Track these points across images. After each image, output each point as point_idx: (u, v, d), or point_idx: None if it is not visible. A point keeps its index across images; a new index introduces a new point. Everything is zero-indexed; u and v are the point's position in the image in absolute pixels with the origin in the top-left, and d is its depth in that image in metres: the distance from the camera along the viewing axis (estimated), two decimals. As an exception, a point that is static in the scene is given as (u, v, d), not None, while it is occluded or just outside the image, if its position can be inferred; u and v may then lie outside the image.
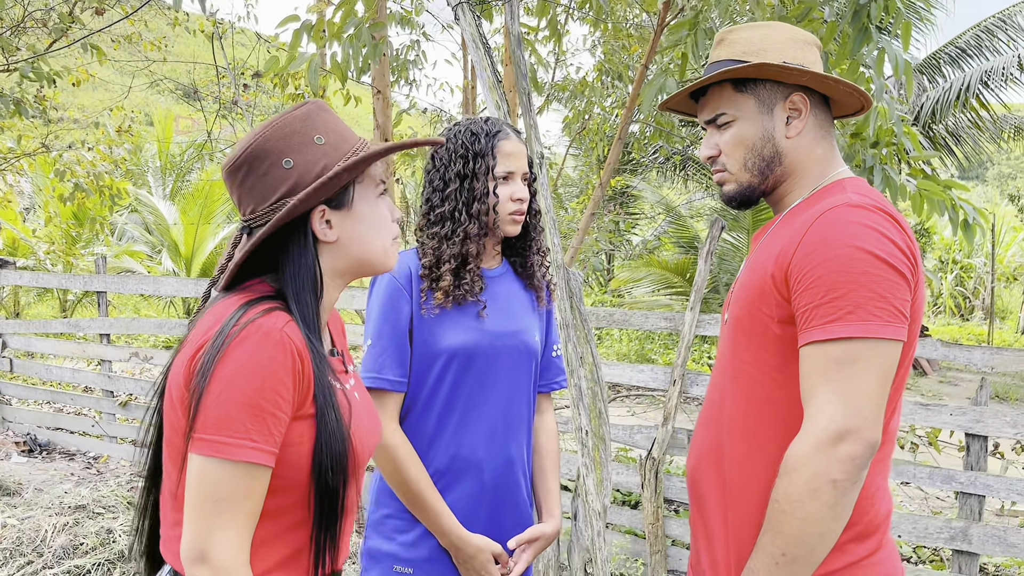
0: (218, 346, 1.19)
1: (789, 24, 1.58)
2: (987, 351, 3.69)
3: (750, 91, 1.55)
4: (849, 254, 1.34)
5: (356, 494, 1.38)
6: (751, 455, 1.50)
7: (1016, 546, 3.56)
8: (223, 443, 1.17)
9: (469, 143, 1.90)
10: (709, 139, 1.62)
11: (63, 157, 7.70)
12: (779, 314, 1.44)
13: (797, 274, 1.39)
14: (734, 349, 1.56)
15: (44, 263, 12.05)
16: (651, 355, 12.63)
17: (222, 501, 1.17)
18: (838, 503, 1.30)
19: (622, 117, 6.08)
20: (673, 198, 17.63)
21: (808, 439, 1.32)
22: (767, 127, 1.55)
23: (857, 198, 1.42)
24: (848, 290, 1.33)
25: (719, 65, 1.58)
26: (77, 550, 3.96)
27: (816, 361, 1.35)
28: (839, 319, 1.33)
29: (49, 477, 5.68)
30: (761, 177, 1.58)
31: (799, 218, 1.48)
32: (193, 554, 1.17)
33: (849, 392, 1.31)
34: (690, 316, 4.09)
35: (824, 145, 1.57)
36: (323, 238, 1.33)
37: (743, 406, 1.52)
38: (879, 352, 1.32)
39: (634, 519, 4.36)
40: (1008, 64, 12.22)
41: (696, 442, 1.68)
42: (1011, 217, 24.38)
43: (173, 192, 18.21)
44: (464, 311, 1.89)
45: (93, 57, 6.53)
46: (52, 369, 6.81)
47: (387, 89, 6.29)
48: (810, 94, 1.55)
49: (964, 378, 12.76)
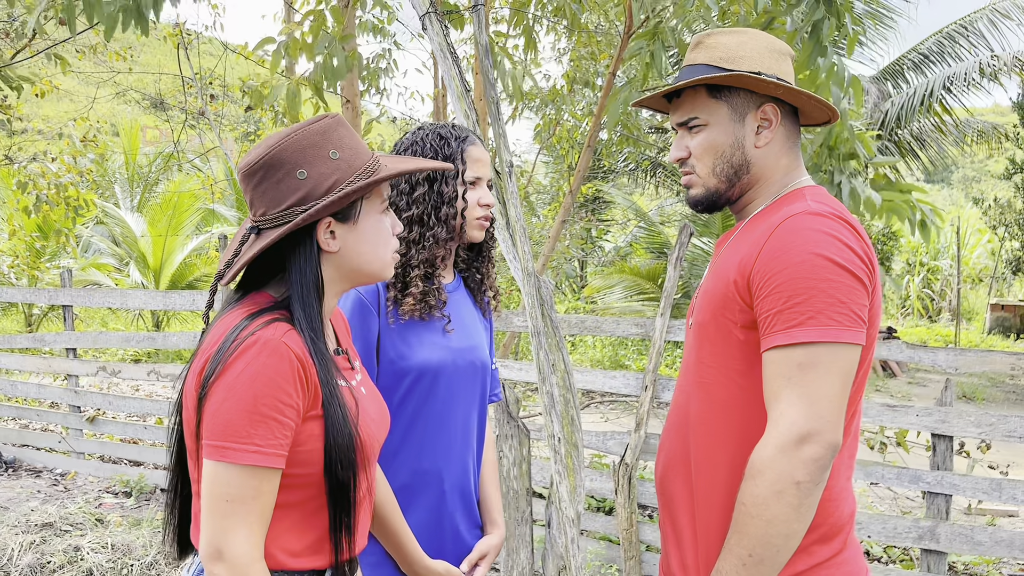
0: (220, 358, 1.29)
1: (766, 32, 1.62)
2: (952, 352, 3.75)
3: (724, 98, 1.57)
4: (809, 261, 1.37)
5: (369, 484, 1.48)
6: (716, 459, 1.52)
7: (983, 544, 3.62)
8: (227, 448, 1.26)
9: (438, 146, 1.88)
10: (680, 141, 1.63)
11: (27, 169, 7.59)
12: (742, 320, 1.47)
13: (759, 280, 1.42)
14: (699, 354, 1.58)
15: (8, 277, 11.85)
16: (624, 360, 12.68)
17: (233, 502, 1.27)
18: (802, 504, 1.33)
19: (591, 124, 6.12)
20: (644, 204, 17.74)
21: (771, 442, 1.34)
22: (738, 135, 1.57)
23: (816, 206, 1.45)
24: (808, 296, 1.36)
25: (696, 69, 1.59)
26: (44, 569, 3.89)
27: (778, 365, 1.37)
28: (800, 324, 1.35)
29: (15, 495, 5.58)
30: (728, 184, 1.60)
31: (760, 225, 1.50)
32: (210, 551, 1.27)
33: (811, 395, 1.34)
34: (661, 322, 4.12)
35: (790, 155, 1.60)
36: (326, 248, 1.41)
37: (708, 410, 1.54)
38: (839, 356, 1.35)
39: (608, 525, 4.37)
40: (970, 69, 12.46)
41: (664, 446, 1.69)
42: (976, 220, 24.82)
43: (140, 204, 17.99)
44: (429, 326, 1.89)
45: (57, 67, 6.44)
46: (17, 385, 6.70)
47: (356, 98, 6.27)
48: (781, 105, 1.57)
49: (932, 379, 12.95)
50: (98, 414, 6.30)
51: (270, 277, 1.45)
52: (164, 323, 14.54)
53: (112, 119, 23.27)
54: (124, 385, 9.87)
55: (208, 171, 15.92)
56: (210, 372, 1.29)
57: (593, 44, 7.12)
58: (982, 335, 19.37)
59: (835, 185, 3.16)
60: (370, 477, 1.48)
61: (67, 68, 6.31)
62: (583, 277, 18.42)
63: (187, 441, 1.38)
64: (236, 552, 1.26)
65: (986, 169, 46.24)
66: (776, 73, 1.56)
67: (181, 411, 1.41)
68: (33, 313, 13.44)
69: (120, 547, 4.10)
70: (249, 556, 1.27)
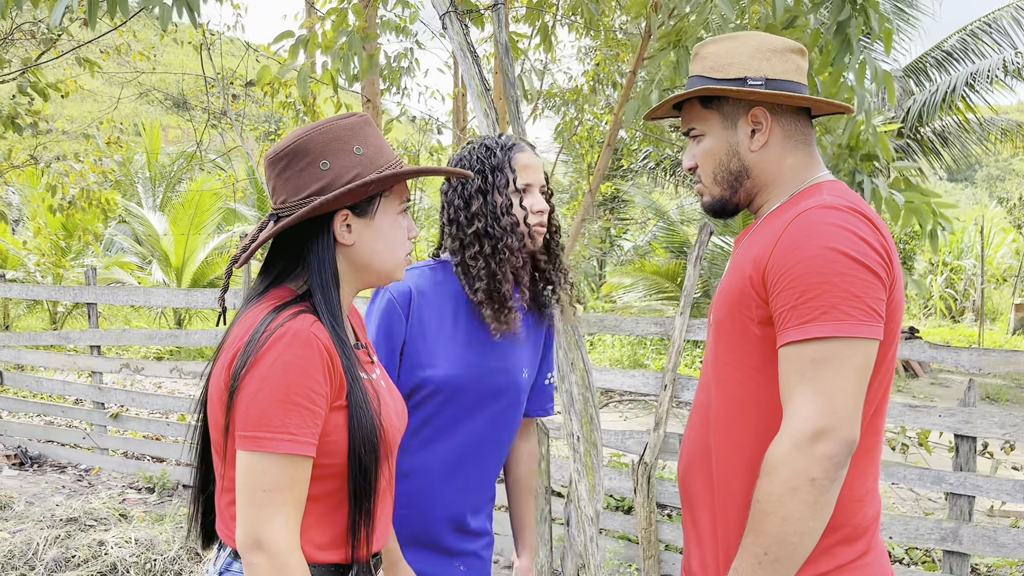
0: (251, 350, 1.32)
1: (765, 33, 1.61)
2: (975, 353, 3.72)
3: (715, 107, 1.59)
4: (823, 255, 1.36)
5: (390, 475, 1.50)
6: (735, 456, 1.52)
7: (1006, 546, 3.58)
8: (263, 438, 1.29)
9: (485, 158, 1.88)
10: (689, 150, 1.67)
11: (51, 168, 7.68)
12: (758, 316, 1.46)
13: (773, 276, 1.41)
14: (717, 352, 1.58)
15: (34, 275, 12.01)
16: (643, 360, 12.65)
17: (270, 491, 1.29)
18: (817, 501, 1.32)
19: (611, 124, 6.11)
20: (664, 203, 17.69)
21: (786, 438, 1.34)
22: (731, 142, 1.59)
23: (831, 199, 1.44)
24: (822, 291, 1.35)
25: (692, 81, 1.63)
26: (69, 563, 3.95)
27: (793, 361, 1.37)
28: (814, 319, 1.35)
29: (40, 490, 5.66)
30: (731, 190, 1.61)
31: (776, 221, 1.50)
32: (248, 542, 1.29)
33: (825, 391, 1.33)
34: (680, 321, 4.11)
35: (797, 153, 1.59)
36: (341, 240, 1.45)
37: (727, 408, 1.54)
38: (855, 351, 1.34)
39: (627, 524, 4.36)
40: (994, 67, 12.32)
41: (686, 445, 1.69)
42: (1000, 219, 24.55)
43: (163, 203, 18.15)
44: (456, 339, 1.87)
45: (83, 69, 6.52)
46: (43, 381, 6.78)
47: (377, 98, 6.30)
48: (775, 106, 1.57)
49: (955, 380, 12.82)
50: (121, 411, 6.38)
51: (289, 272, 1.47)
52: (186, 321, 14.67)
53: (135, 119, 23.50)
54: (147, 382, 9.98)
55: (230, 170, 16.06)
56: (241, 365, 1.32)
57: (614, 44, 7.10)
58: (1006, 335, 19.14)
59: (856, 184, 3.14)
60: (391, 469, 1.49)
61: (94, 70, 6.38)
62: (601, 276, 18.40)
63: (213, 436, 1.41)
64: (274, 541, 1.28)
65: (1011, 167, 45.68)
66: (767, 73, 1.56)
67: (206, 407, 1.44)
68: (58, 311, 13.61)
69: (143, 542, 4.15)
70: (288, 544, 1.29)
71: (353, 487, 1.39)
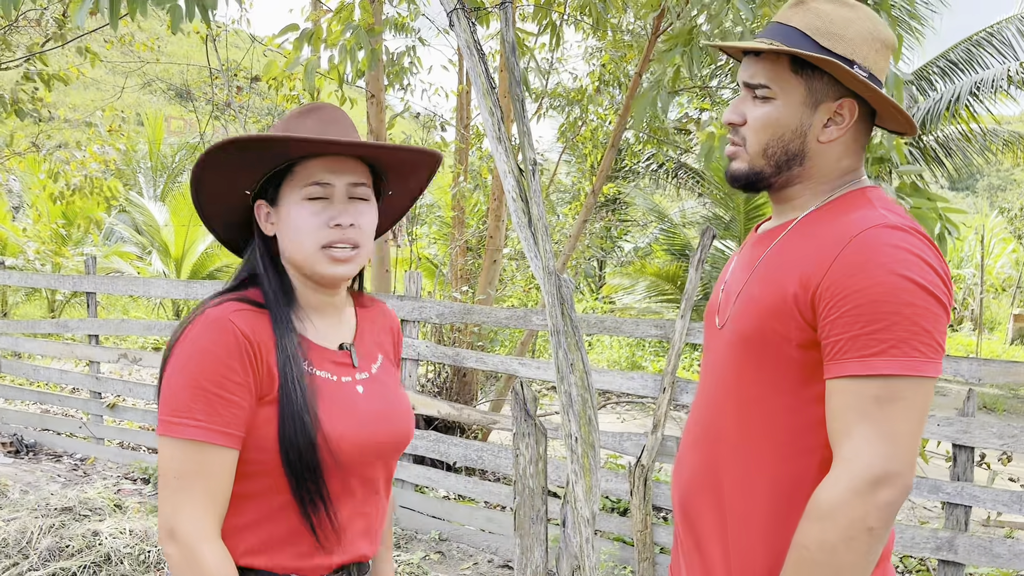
0: (173, 337, 1.33)
1: (875, 14, 1.41)
2: (974, 362, 3.71)
3: (805, 76, 1.38)
4: (892, 282, 1.23)
5: (355, 483, 1.39)
6: (755, 482, 1.39)
7: (1001, 556, 3.58)
8: (171, 422, 1.27)
9: None
10: (740, 105, 1.45)
11: (53, 156, 7.67)
12: (799, 338, 1.32)
13: (830, 299, 1.27)
14: (738, 368, 1.43)
15: (33, 263, 11.99)
16: (641, 361, 12.65)
17: (180, 478, 1.26)
18: (871, 550, 1.22)
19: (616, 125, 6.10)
20: (665, 205, 17.67)
21: (844, 483, 1.22)
22: (804, 121, 1.39)
23: (894, 218, 1.30)
24: (891, 322, 1.22)
25: (785, 31, 1.39)
26: (63, 552, 3.94)
27: (851, 396, 1.24)
28: (880, 353, 1.22)
29: (36, 478, 5.65)
30: (775, 169, 1.43)
31: (821, 229, 1.36)
32: (163, 532, 1.26)
33: (890, 434, 1.21)
34: (680, 324, 4.10)
35: (853, 157, 1.43)
36: (265, 230, 1.42)
37: (747, 428, 1.40)
38: (921, 390, 1.23)
39: (622, 526, 4.36)
40: (998, 77, 12.32)
41: (685, 463, 1.54)
42: (1000, 228, 24.55)
43: (164, 193, 18.13)
44: None
45: (86, 59, 6.50)
46: (40, 370, 6.77)
47: (381, 94, 6.28)
48: (861, 103, 1.39)
49: (952, 389, 12.81)
50: (118, 400, 6.37)
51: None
52: (184, 312, 14.65)
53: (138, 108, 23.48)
54: (144, 372, 9.96)
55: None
56: (166, 353, 1.33)
57: (620, 45, 7.09)
58: (1004, 345, 19.15)
59: None
60: (346, 476, 1.38)
61: (96, 60, 6.37)
62: (601, 276, 18.39)
63: None
64: (185, 530, 1.24)
65: (1012, 177, 45.71)
66: (871, 67, 1.38)
67: None
68: (56, 299, 13.59)
69: (138, 533, 4.14)
70: (198, 535, 1.24)
71: (296, 490, 1.32)
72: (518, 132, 3.11)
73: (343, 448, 1.35)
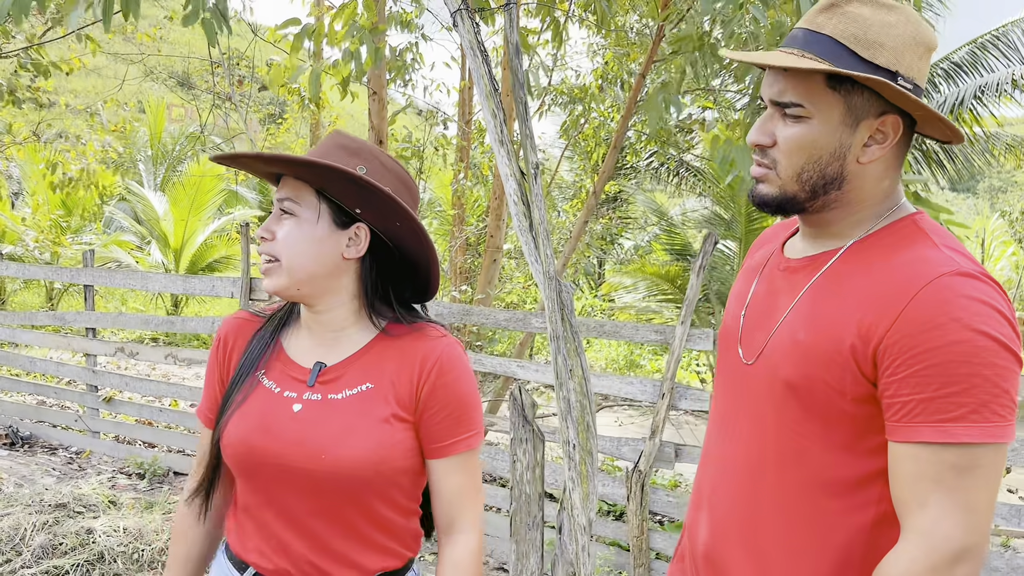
0: None
1: (916, 12, 1.27)
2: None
3: (844, 93, 1.22)
4: (970, 340, 1.12)
5: (261, 497, 1.41)
6: (800, 539, 1.29)
7: (999, 570, 3.56)
8: None
9: None
10: (767, 123, 1.29)
11: (53, 146, 7.64)
12: (854, 392, 1.21)
13: (897, 356, 1.16)
14: (779, 415, 1.30)
15: (32, 252, 11.95)
16: (639, 360, 12.64)
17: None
18: None
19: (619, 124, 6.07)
20: (665, 203, 17.63)
21: (921, 558, 1.14)
22: (843, 143, 1.24)
23: (964, 263, 1.19)
24: (970, 384, 1.12)
25: (819, 40, 1.23)
26: (56, 550, 3.92)
27: (926, 465, 1.14)
28: (959, 419, 1.12)
29: (30, 471, 5.63)
30: (811, 194, 1.28)
31: (876, 269, 1.23)
32: None
33: (969, 504, 1.13)
34: (681, 330, 4.07)
35: (892, 176, 1.30)
36: None
37: (790, 481, 1.29)
38: (999, 456, 1.14)
39: (618, 531, 4.34)
40: (1002, 80, 12.29)
41: (713, 510, 1.41)
42: (1001, 231, 24.52)
43: (163, 182, 18.07)
44: None
45: (87, 47, 6.46)
46: (36, 361, 6.75)
47: (383, 90, 6.25)
48: (903, 116, 1.24)
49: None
50: (114, 394, 6.34)
51: None
52: (183, 304, 14.62)
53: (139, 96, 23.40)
54: (141, 365, 9.93)
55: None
56: None
57: (624, 44, 7.06)
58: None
59: None
60: (250, 484, 1.41)
61: (97, 48, 6.33)
62: (601, 274, 18.35)
63: None
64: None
65: (1013, 179, 45.66)
66: (914, 75, 1.23)
67: None
68: (54, 288, 13.55)
69: (132, 531, 4.12)
70: (185, 496, 1.53)
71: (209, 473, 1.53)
72: (520, 132, 3.08)
73: (226, 451, 1.43)
